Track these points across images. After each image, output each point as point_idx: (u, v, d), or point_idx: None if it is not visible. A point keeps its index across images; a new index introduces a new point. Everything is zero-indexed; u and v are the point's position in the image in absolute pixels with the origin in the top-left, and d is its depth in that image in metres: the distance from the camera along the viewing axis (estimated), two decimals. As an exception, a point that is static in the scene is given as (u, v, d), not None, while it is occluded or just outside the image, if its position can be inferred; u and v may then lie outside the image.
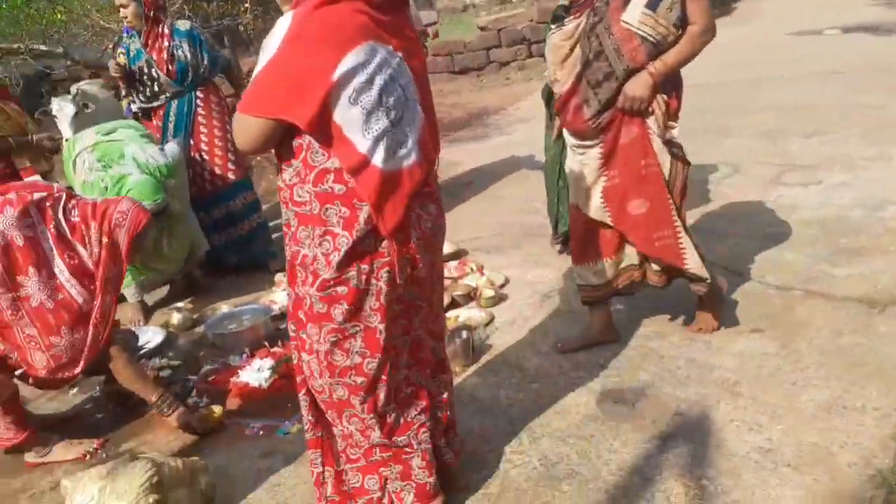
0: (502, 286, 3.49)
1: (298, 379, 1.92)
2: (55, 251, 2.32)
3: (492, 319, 3.16)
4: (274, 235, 4.23)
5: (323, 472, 1.97)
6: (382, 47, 1.64)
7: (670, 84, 2.45)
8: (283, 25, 1.60)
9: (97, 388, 2.96)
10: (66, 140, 3.72)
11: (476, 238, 4.21)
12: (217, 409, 2.67)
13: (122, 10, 3.83)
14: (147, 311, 3.64)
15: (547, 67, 2.67)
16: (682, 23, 2.34)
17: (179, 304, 3.63)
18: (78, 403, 2.98)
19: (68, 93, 4.65)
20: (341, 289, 1.70)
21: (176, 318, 3.55)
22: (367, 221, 1.67)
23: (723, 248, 3.57)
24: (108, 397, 2.88)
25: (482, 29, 10.72)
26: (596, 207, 2.62)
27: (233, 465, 2.40)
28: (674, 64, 2.38)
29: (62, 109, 4.25)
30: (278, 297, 3.66)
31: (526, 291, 3.42)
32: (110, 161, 3.40)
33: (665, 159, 2.50)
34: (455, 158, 6.39)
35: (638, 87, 2.39)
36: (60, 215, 2.36)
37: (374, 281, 1.72)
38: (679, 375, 2.56)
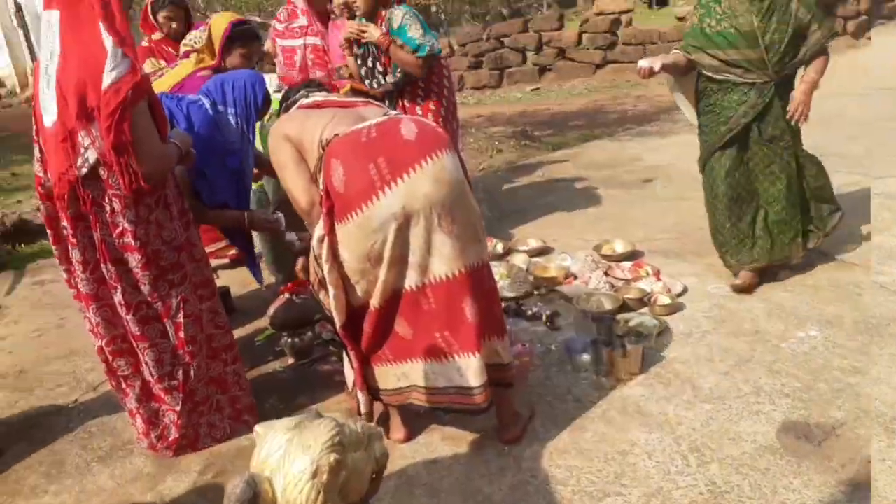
0: (679, 295, 3.32)
1: None
2: None
3: (665, 329, 3.01)
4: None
5: None
6: None
7: None
8: None
9: (284, 339, 3.17)
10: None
11: (654, 239, 4.03)
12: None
13: None
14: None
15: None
16: None
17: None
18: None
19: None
20: None
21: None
22: None
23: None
24: (289, 351, 3.10)
25: (680, 19, 10.22)
26: None
27: (394, 436, 2.51)
28: None
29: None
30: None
31: (705, 303, 3.22)
32: None
33: None
34: (635, 153, 6.18)
35: None
36: None
37: None
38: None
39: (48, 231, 2.32)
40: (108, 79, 1.97)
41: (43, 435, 2.74)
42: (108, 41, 1.99)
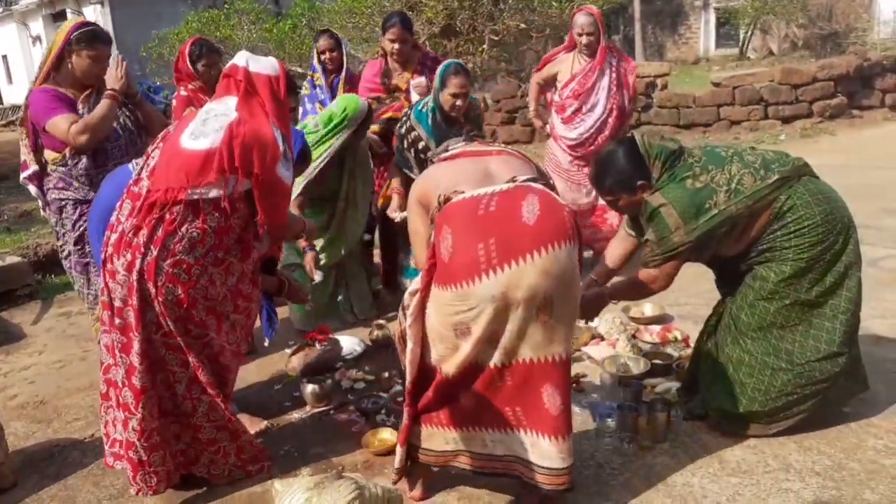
0: (708, 361, 3.23)
1: None
2: None
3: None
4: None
5: None
6: None
7: None
8: None
9: (303, 385, 3.16)
10: None
11: (685, 304, 3.96)
12: (388, 435, 2.72)
13: (327, 53, 4.23)
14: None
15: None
16: None
17: (381, 321, 3.79)
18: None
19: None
20: None
21: (376, 333, 3.70)
22: None
23: None
24: (308, 398, 3.07)
25: (716, 84, 10.27)
26: None
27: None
28: None
29: None
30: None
31: (734, 372, 3.13)
32: None
33: None
34: (668, 216, 6.11)
35: None
36: None
37: None
38: (916, 506, 2.19)
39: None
40: (282, 174, 2.30)
41: (57, 469, 2.73)
42: (279, 136, 2.28)
